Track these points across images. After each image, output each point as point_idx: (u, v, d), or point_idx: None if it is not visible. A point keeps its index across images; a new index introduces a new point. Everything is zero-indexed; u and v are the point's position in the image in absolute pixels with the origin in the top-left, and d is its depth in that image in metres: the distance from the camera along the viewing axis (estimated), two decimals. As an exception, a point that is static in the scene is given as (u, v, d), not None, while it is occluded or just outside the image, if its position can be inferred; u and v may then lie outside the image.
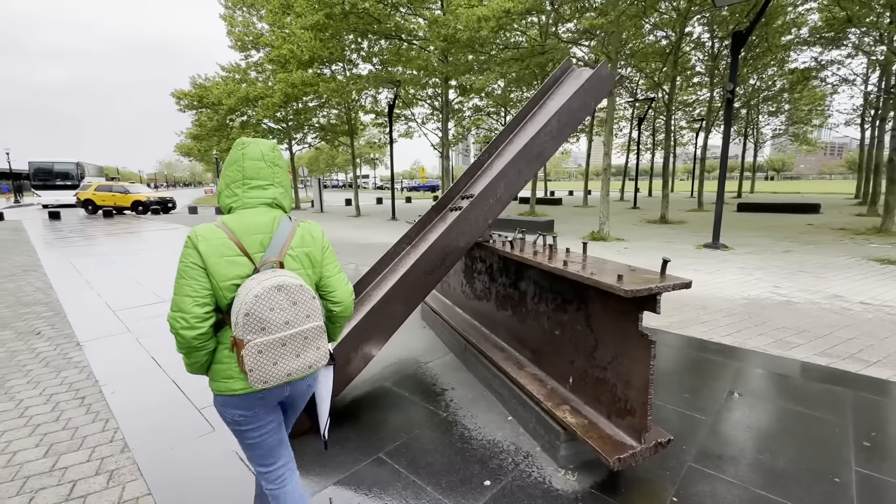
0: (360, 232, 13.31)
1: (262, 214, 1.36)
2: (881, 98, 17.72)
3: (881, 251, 8.68)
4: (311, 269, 1.42)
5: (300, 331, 1.24)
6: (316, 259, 1.43)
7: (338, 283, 1.46)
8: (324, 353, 1.32)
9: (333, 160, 66.11)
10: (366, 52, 17.25)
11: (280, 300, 1.21)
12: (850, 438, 2.42)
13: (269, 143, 1.44)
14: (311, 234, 1.43)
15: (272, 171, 1.41)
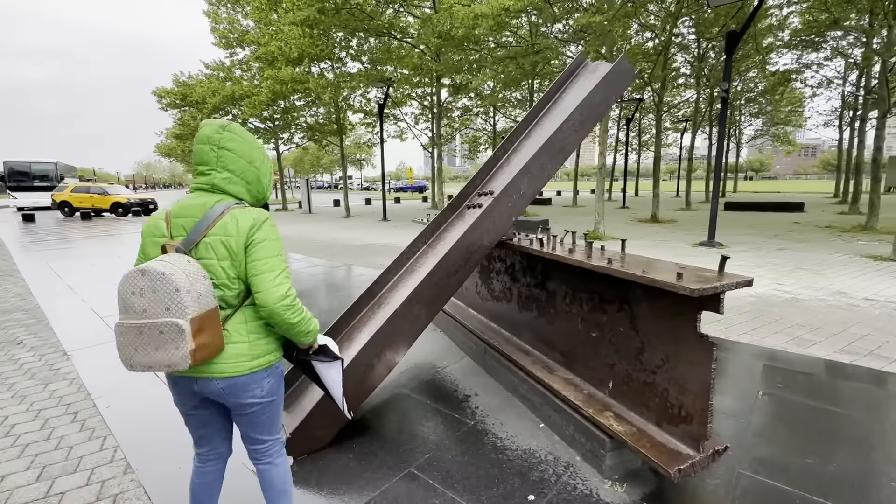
0: (353, 233, 13.06)
1: (196, 199, 1.34)
2: (860, 99, 18.22)
3: (871, 248, 8.84)
4: (229, 260, 1.28)
5: (156, 323, 1.18)
6: (234, 250, 1.28)
7: (262, 284, 1.28)
8: (184, 356, 1.17)
9: (319, 161, 65.40)
10: (355, 51, 17.01)
11: (142, 285, 1.18)
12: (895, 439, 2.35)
13: (218, 124, 1.36)
14: (237, 224, 1.29)
15: (217, 154, 1.34)
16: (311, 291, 5.84)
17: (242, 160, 1.37)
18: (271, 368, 1.41)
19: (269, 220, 1.35)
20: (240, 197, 1.38)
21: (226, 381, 1.33)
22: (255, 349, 1.35)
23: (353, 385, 2.36)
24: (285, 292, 1.29)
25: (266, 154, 1.48)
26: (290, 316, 1.30)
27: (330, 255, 8.91)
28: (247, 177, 1.39)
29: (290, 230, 14.37)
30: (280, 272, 1.31)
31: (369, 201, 28.88)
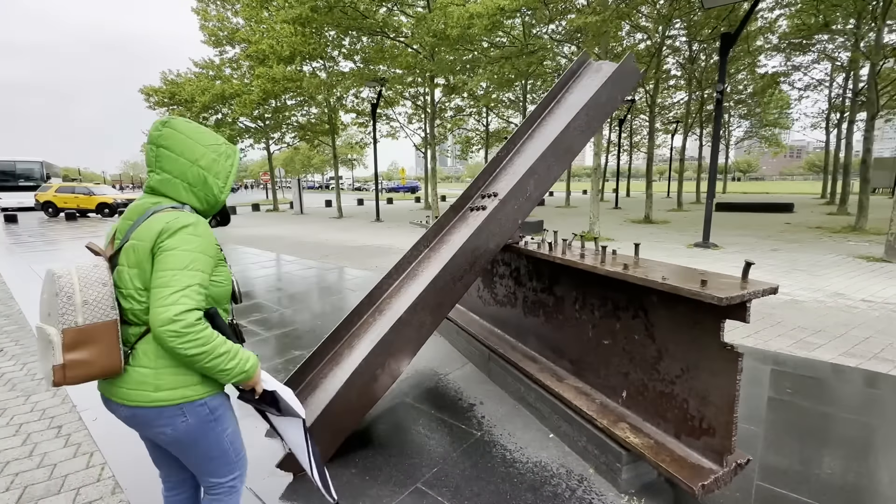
0: (346, 234, 12.90)
1: (140, 201, 1.25)
2: (846, 101, 18.51)
3: (862, 249, 8.93)
4: (137, 268, 1.14)
5: (39, 327, 1.10)
6: (140, 257, 1.13)
7: (152, 301, 1.08)
8: (47, 372, 1.07)
9: (310, 161, 64.90)
10: (347, 49, 16.83)
11: (46, 286, 1.11)
12: (911, 447, 2.31)
13: (160, 120, 1.23)
14: (150, 228, 1.14)
15: (155, 154, 1.22)
16: (304, 294, 5.70)
17: (182, 159, 1.22)
18: (189, 407, 1.18)
19: (191, 228, 1.14)
20: (181, 200, 1.24)
21: (129, 409, 1.17)
22: (162, 379, 1.15)
23: (356, 396, 2.25)
24: (175, 315, 1.05)
25: (224, 152, 1.30)
26: (181, 345, 1.06)
27: (323, 257, 8.77)
28: (187, 178, 1.23)
29: (282, 231, 14.16)
30: (178, 289, 1.07)
31: (361, 202, 28.67)
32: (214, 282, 1.22)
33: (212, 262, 1.19)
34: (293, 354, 3.67)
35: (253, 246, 10.51)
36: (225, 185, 1.31)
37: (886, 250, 7.65)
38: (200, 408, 1.21)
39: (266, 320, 4.57)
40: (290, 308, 5.04)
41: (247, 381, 1.22)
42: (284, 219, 18.94)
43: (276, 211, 22.82)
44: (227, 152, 1.32)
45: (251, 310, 4.94)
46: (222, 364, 1.13)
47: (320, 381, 2.70)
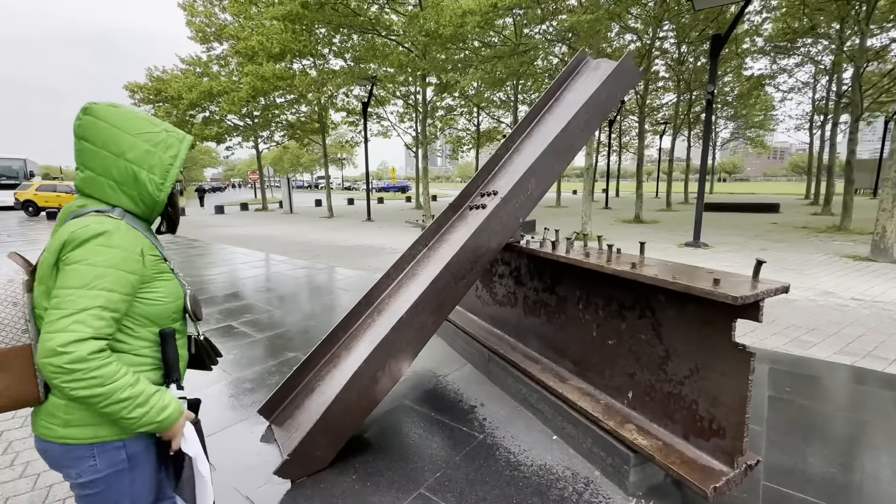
0: (338, 234, 12.76)
1: (69, 204, 1.09)
2: (830, 103, 18.88)
3: (848, 248, 9.09)
4: (44, 284, 0.97)
5: None
6: (43, 272, 0.97)
7: (46, 323, 0.90)
8: None
9: (299, 160, 64.37)
10: (338, 47, 16.66)
11: None
12: (911, 444, 2.32)
13: (82, 108, 1.05)
14: (58, 237, 0.97)
15: (78, 148, 1.04)
16: (296, 295, 5.60)
17: (104, 152, 1.02)
18: (101, 448, 1.01)
19: (102, 238, 0.95)
20: (110, 202, 1.04)
21: (39, 442, 1.02)
22: (73, 413, 0.98)
23: (356, 399, 2.19)
24: (60, 346, 0.86)
25: (162, 141, 1.09)
26: (66, 384, 0.87)
27: (314, 257, 8.65)
28: (112, 174, 1.03)
29: (271, 230, 13.96)
30: (70, 313, 0.89)
31: (352, 201, 28.46)
32: (148, 300, 1.04)
33: (130, 279, 0.97)
34: (287, 356, 3.58)
35: (242, 246, 10.34)
36: (164, 181, 1.09)
37: (872, 249, 7.80)
38: (115, 452, 1.02)
39: (258, 321, 4.46)
40: (282, 309, 4.94)
41: (162, 432, 1.04)
42: (274, 218, 18.70)
43: (266, 210, 22.52)
44: (166, 142, 1.10)
45: (242, 311, 4.83)
46: (124, 411, 0.93)
47: (318, 384, 2.63)
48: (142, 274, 1.02)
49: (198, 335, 1.26)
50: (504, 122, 26.10)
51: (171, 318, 1.12)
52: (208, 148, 51.77)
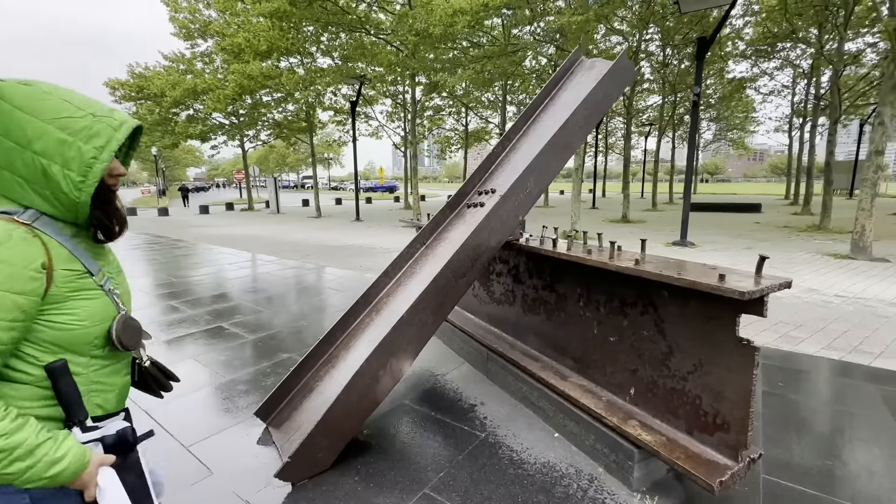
0: (327, 234, 12.64)
1: None
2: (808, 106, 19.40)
3: (829, 247, 9.34)
4: None
5: None
6: None
7: None
8: None
9: (285, 159, 63.60)
10: (325, 46, 16.50)
11: None
12: (901, 436, 2.38)
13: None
14: None
15: None
16: (287, 295, 5.51)
17: (8, 142, 0.82)
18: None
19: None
20: (21, 202, 0.86)
21: None
22: None
23: (357, 399, 2.15)
24: None
25: (85, 128, 0.86)
26: None
27: (304, 257, 8.54)
28: (17, 169, 0.84)
29: (259, 230, 13.75)
30: None
31: (340, 201, 28.24)
32: (58, 323, 0.86)
33: (18, 302, 0.79)
34: (280, 357, 3.52)
35: (230, 246, 10.16)
36: (84, 178, 0.86)
37: (852, 248, 8.03)
38: (15, 497, 0.84)
39: (248, 322, 4.38)
40: (273, 309, 4.86)
41: (75, 482, 0.85)
42: (261, 218, 18.43)
43: (252, 210, 22.19)
44: (90, 129, 0.86)
45: (232, 311, 4.73)
46: (13, 464, 0.76)
47: (316, 384, 2.59)
48: (39, 294, 0.83)
49: (143, 361, 1.07)
50: (492, 122, 26.21)
51: (91, 344, 0.92)
52: (192, 147, 50.79)
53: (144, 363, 1.08)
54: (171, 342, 3.84)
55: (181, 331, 4.12)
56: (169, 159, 46.28)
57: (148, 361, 1.09)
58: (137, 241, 10.83)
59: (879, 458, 2.19)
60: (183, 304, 5.06)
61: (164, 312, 4.71)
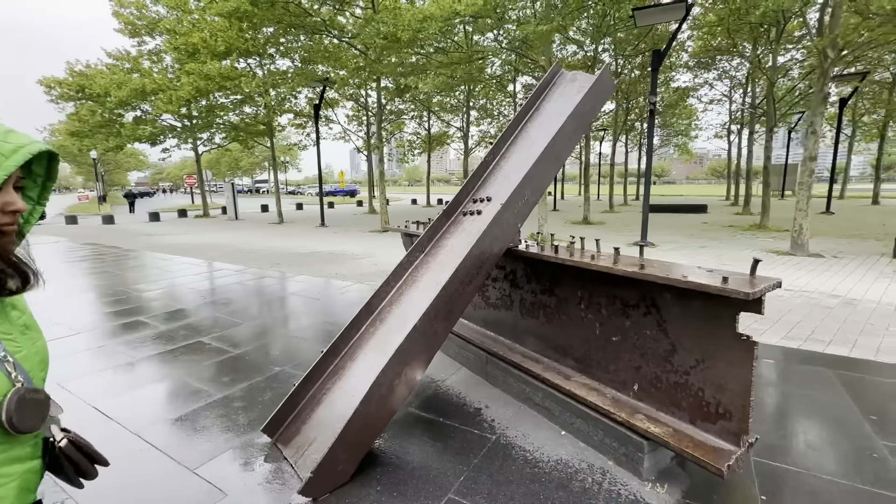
0: (293, 240, 12.29)
1: None
2: (745, 114, 21.08)
3: (771, 244, 10.19)
4: None
5: None
6: None
7: None
8: None
9: (238, 163, 61.05)
10: (285, 47, 16.05)
11: None
12: (859, 415, 2.68)
13: None
14: None
15: None
16: (266, 306, 5.34)
17: None
18: None
19: None
20: None
21: None
22: None
23: (375, 410, 2.16)
24: None
25: None
26: None
27: (274, 265, 8.28)
28: None
29: (219, 238, 13.14)
30: None
31: (301, 206, 27.47)
32: None
33: None
34: (273, 371, 3.43)
35: (191, 255, 9.66)
36: None
37: (791, 245, 8.82)
38: None
39: (230, 336, 4.22)
40: (253, 321, 4.70)
41: None
42: (218, 225, 17.61)
43: (207, 217, 21.15)
44: None
45: (209, 325, 4.54)
46: None
47: (324, 397, 2.56)
48: None
49: (55, 440, 0.88)
50: (455, 125, 26.49)
51: None
52: (136, 150, 47.67)
53: (59, 443, 0.88)
54: (149, 360, 3.63)
55: (157, 348, 3.91)
56: (109, 163, 43.14)
57: (64, 440, 0.88)
58: (84, 252, 10.07)
59: (846, 437, 2.45)
60: (154, 319, 4.78)
61: (133, 329, 4.44)
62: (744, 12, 11.12)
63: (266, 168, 68.86)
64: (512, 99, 23.92)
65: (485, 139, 27.36)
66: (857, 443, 2.38)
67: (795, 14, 12.23)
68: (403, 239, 4.71)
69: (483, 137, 27.15)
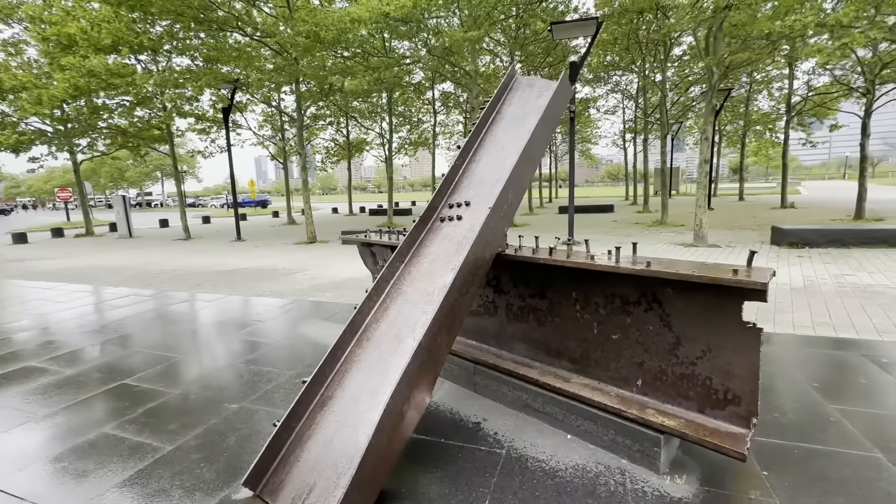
0: (209, 258, 11.03)
1: None
2: (639, 123, 23.67)
3: (675, 237, 11.46)
4: None
5: None
6: None
7: None
8: None
9: (122, 173, 54.14)
10: (183, 44, 14.44)
11: None
12: (805, 384, 3.03)
13: None
14: None
15: None
16: (199, 335, 4.66)
17: None
18: None
19: None
20: None
21: None
22: None
23: (388, 441, 1.93)
24: None
25: None
26: None
27: (195, 287, 7.33)
28: None
29: (117, 260, 11.33)
30: None
31: (208, 219, 24.95)
32: None
33: None
34: (229, 409, 2.96)
35: (80, 282, 8.19)
36: None
37: (694, 237, 9.99)
38: None
39: (162, 375, 3.59)
40: (188, 353, 4.07)
41: None
42: (109, 244, 15.24)
43: (91, 235, 18.19)
44: None
45: (134, 364, 3.82)
46: None
47: (314, 433, 2.24)
48: None
49: None
50: (374, 131, 26.04)
51: None
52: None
53: None
54: (57, 416, 2.93)
55: (65, 399, 3.18)
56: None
57: None
58: (-74, 286, 8.02)
59: (804, 406, 2.75)
60: (50, 362, 3.91)
61: (25, 378, 3.58)
62: (633, 32, 12.49)
63: (158, 178, 61.76)
64: (431, 106, 24.20)
65: (404, 146, 27.31)
66: (816, 409, 2.68)
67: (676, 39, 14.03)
68: (361, 250, 4.43)
69: (402, 144, 27.08)
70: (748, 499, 1.95)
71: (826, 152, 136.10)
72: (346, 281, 7.12)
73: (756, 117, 23.05)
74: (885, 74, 11.11)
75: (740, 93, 23.41)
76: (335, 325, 4.75)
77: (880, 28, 7.01)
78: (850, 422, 2.53)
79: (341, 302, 5.78)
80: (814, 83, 18.65)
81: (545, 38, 16.13)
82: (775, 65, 18.42)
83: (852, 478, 2.06)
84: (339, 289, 6.58)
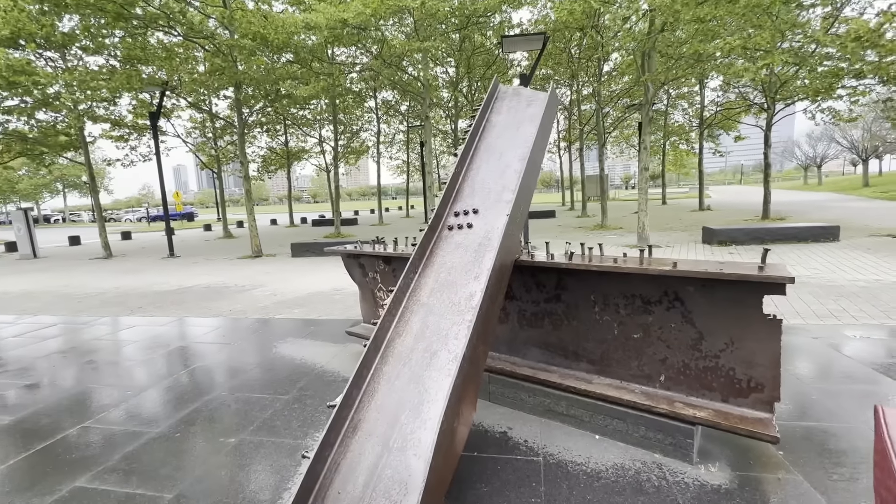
0: (144, 277, 9.93)
1: None
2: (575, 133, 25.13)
3: (619, 239, 12.24)
4: None
5: None
6: None
7: None
8: None
9: (13, 186, 47.68)
10: (97, 42, 12.99)
11: None
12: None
13: None
14: None
15: None
16: (149, 364, 4.16)
17: None
18: None
19: None
20: None
21: None
22: None
23: (443, 462, 1.84)
24: None
25: None
26: None
27: (135, 311, 6.56)
28: None
29: (26, 284, 9.80)
30: None
31: (129, 235, 22.53)
32: None
33: None
34: (227, 445, 2.66)
35: (-16, 311, 6.99)
36: None
37: (638, 239, 10.75)
38: None
39: (135, 411, 3.15)
40: (153, 387, 3.61)
41: None
42: (10, 266, 13.20)
43: (-19, 257, 15.62)
44: None
45: (91, 405, 3.32)
46: None
47: (352, 459, 2.07)
48: None
49: None
50: (312, 138, 25.15)
51: None
52: None
53: None
54: (7, 472, 2.46)
55: (13, 452, 2.68)
56: None
57: None
58: None
59: (786, 385, 3.04)
60: (-22, 410, 3.28)
61: (-51, 431, 2.96)
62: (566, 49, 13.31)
63: (59, 191, 55.02)
64: (374, 114, 23.93)
65: (345, 155, 26.70)
66: (795, 387, 2.97)
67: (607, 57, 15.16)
68: (346, 261, 4.23)
69: (343, 153, 26.45)
70: (777, 479, 2.10)
71: (724, 161, 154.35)
72: (312, 296, 6.75)
73: (673, 129, 25.47)
74: (783, 92, 12.82)
75: (659, 107, 25.80)
76: (317, 342, 4.48)
77: (790, 53, 8.17)
78: (832, 399, 2.84)
79: (314, 318, 5.47)
80: (718, 100, 21.09)
81: (486, 51, 16.69)
82: (687, 83, 20.57)
83: (849, 448, 2.30)
84: (306, 304, 6.22)
